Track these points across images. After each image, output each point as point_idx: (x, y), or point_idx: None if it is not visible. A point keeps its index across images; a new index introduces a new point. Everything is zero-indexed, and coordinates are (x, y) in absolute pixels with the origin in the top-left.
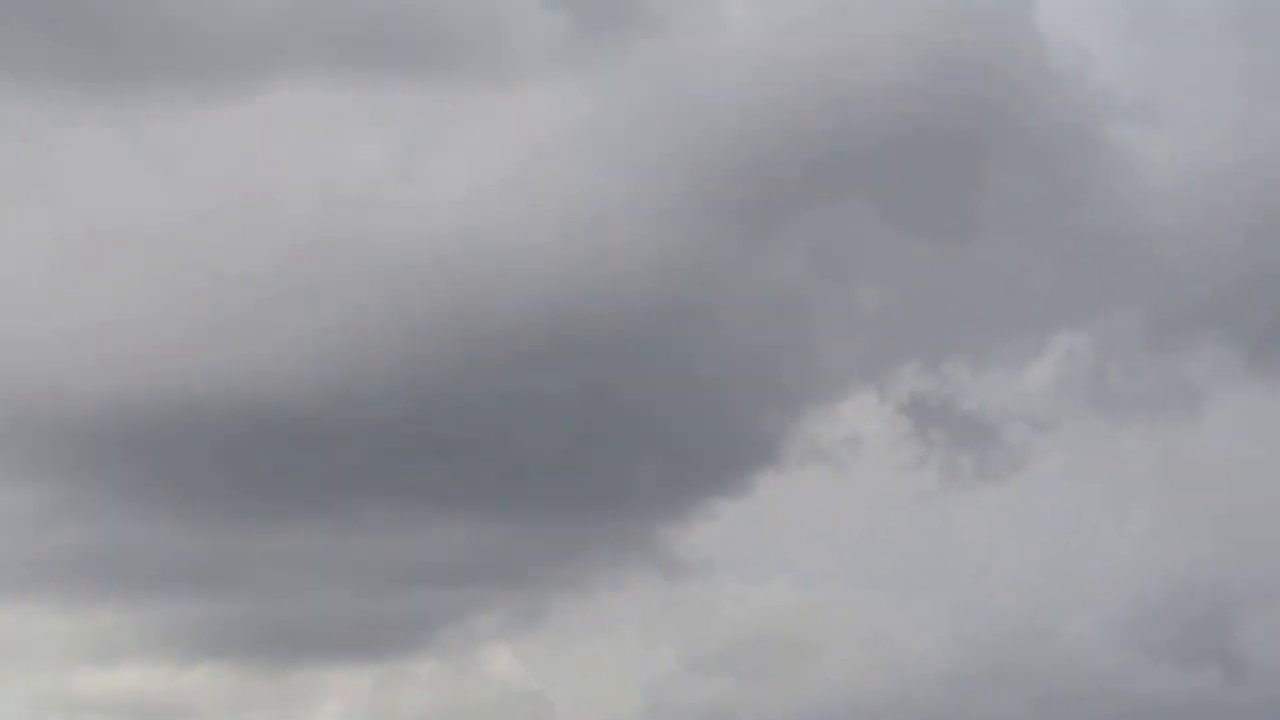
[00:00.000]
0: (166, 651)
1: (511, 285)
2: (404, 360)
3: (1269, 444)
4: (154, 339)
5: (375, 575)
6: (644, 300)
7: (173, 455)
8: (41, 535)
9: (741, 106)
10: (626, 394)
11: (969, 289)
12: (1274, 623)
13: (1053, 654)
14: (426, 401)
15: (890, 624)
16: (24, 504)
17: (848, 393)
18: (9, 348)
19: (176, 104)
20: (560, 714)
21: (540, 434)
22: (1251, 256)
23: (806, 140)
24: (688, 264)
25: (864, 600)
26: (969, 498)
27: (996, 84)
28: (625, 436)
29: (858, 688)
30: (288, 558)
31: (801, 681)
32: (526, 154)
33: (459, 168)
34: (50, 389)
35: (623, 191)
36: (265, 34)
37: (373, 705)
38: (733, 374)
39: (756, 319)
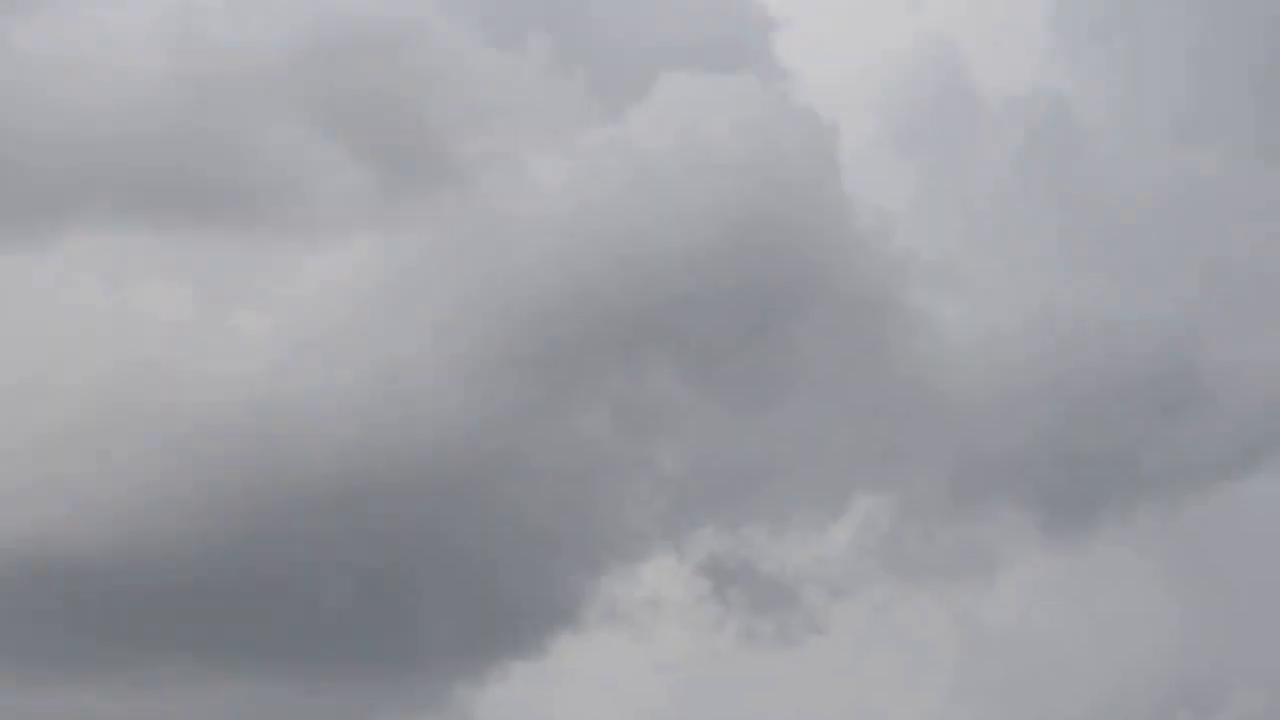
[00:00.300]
0: None
1: (309, 440)
2: (198, 516)
3: (1062, 611)
4: None
5: None
6: (443, 457)
7: None
8: None
9: (546, 262)
10: (424, 551)
11: (770, 450)
12: None
13: None
14: (221, 558)
15: None
16: None
17: (648, 553)
18: None
19: None
20: None
21: (336, 591)
22: (1049, 421)
23: (610, 297)
24: (488, 420)
25: None
26: (767, 660)
27: (800, 245)
28: (422, 594)
29: None
30: (78, 715)
31: None
32: (330, 308)
33: (260, 321)
34: None
35: (424, 346)
36: (59, 183)
37: None
38: (532, 532)
39: (557, 477)
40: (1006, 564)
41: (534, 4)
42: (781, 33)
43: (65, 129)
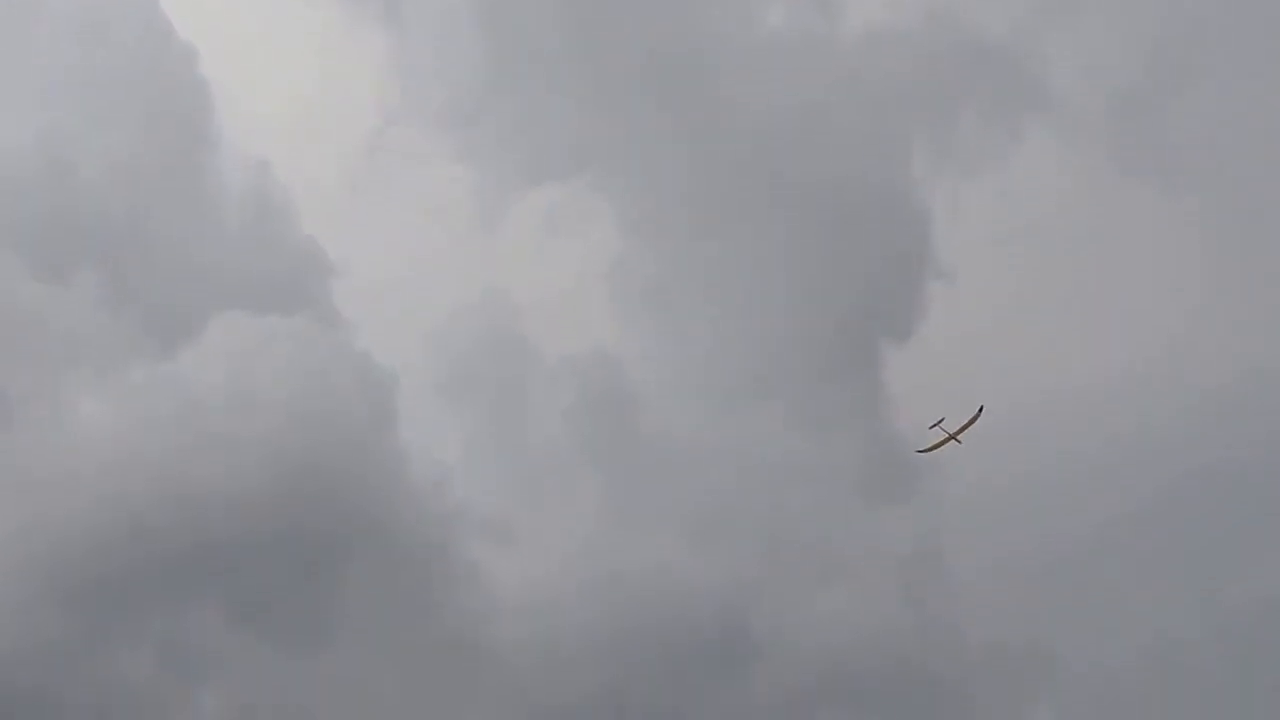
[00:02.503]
0: None
1: None
2: None
3: None
4: None
5: None
6: None
7: None
8: None
9: (89, 496)
10: None
11: (318, 695)
12: None
13: None
14: None
15: None
16: None
17: None
18: None
19: None
20: None
21: None
22: (599, 676)
23: (157, 536)
24: (27, 656)
25: None
26: None
27: (355, 492)
28: None
29: None
30: None
31: None
32: None
33: None
34: None
35: None
36: None
37: None
38: None
39: (95, 716)
40: None
41: (86, 238)
42: (340, 279)
43: None
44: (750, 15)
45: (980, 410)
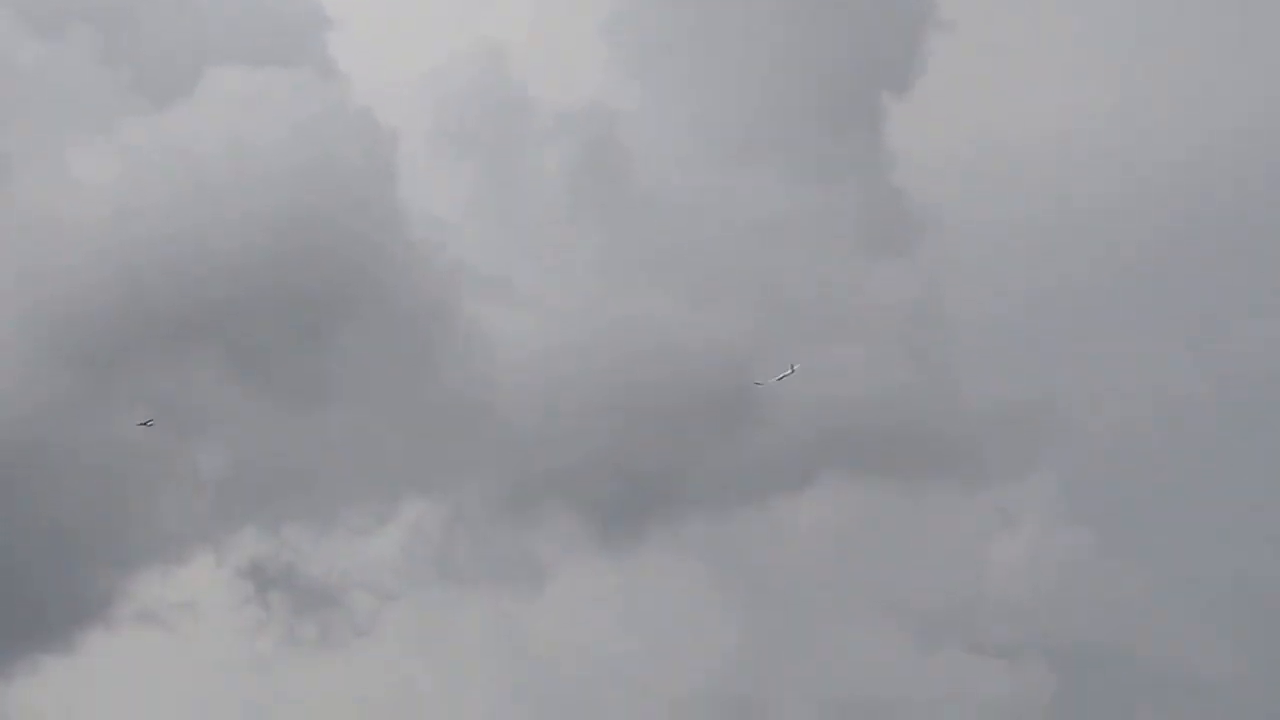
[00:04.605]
0: None
1: None
2: None
3: (610, 621)
4: None
5: None
6: None
7: None
8: None
9: (88, 259)
10: None
11: (317, 454)
12: None
13: None
14: None
15: None
16: None
17: (185, 555)
18: None
19: None
20: None
21: None
22: (604, 435)
23: (155, 296)
24: (24, 416)
25: None
26: (309, 663)
27: (353, 249)
28: None
29: None
30: None
31: None
32: None
33: None
34: None
35: None
36: None
37: None
38: (64, 527)
39: (93, 475)
40: (556, 574)
41: None
42: (336, 32)
43: None
44: None
45: (792, 368)
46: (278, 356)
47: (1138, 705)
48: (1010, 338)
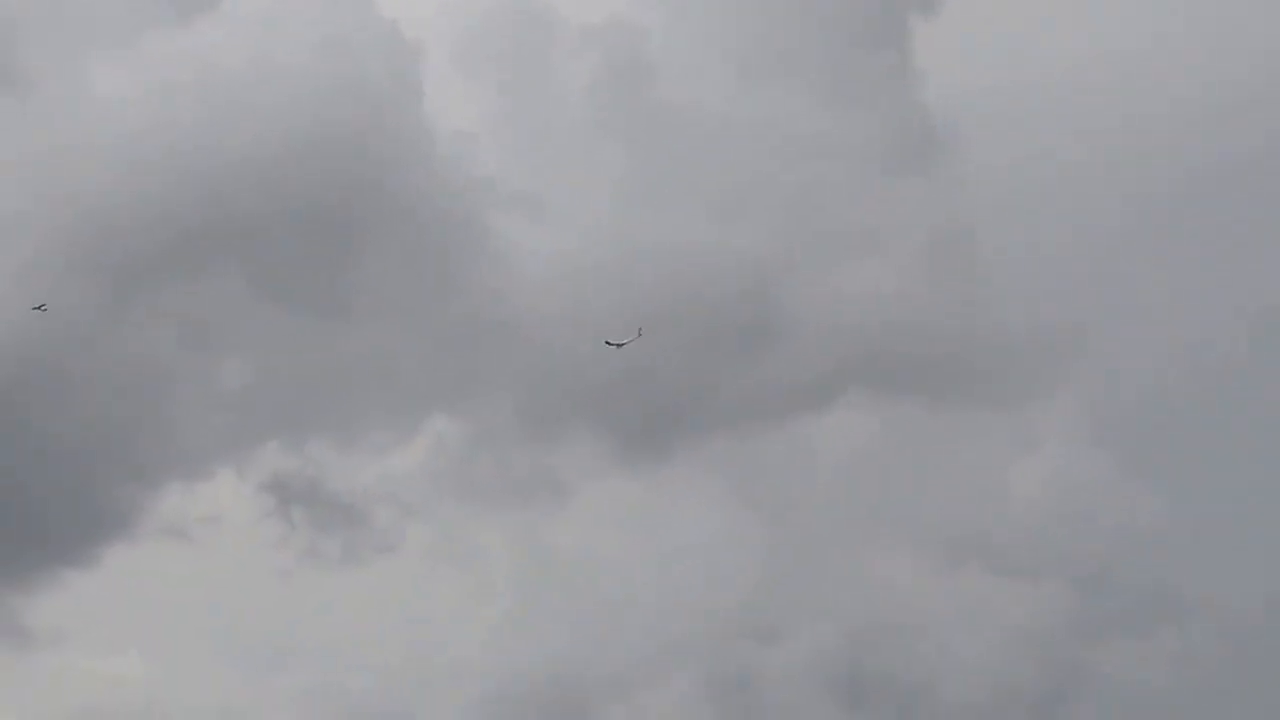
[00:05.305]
0: None
1: None
2: None
3: (632, 538)
4: None
5: None
6: None
7: None
8: None
9: (108, 169)
10: None
11: (340, 369)
12: (631, 714)
13: None
14: None
15: (241, 701)
16: None
17: (208, 470)
18: None
19: None
20: None
21: None
22: (622, 350)
23: (175, 208)
24: (47, 331)
25: (216, 676)
26: (331, 578)
27: (376, 164)
28: None
29: None
30: None
31: None
32: None
33: None
34: None
35: None
36: None
37: None
38: (87, 443)
39: (116, 388)
40: (578, 490)
41: None
42: None
43: None
44: None
45: (639, 332)
46: (301, 272)
47: (1159, 628)
48: (1036, 260)
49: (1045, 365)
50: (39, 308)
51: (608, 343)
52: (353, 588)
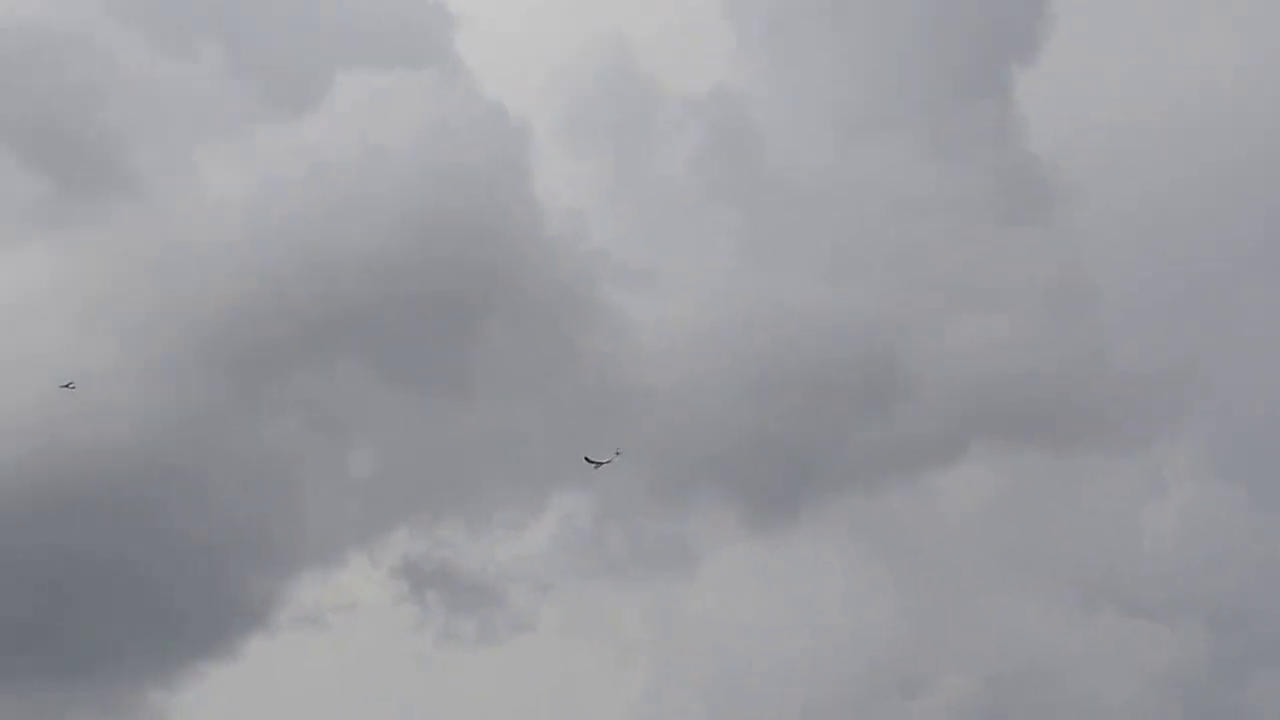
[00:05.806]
0: None
1: None
2: None
3: (765, 601)
4: None
5: None
6: (131, 461)
7: None
8: None
9: (227, 267)
10: (111, 556)
11: (465, 449)
12: None
13: None
14: None
15: None
16: None
17: (341, 557)
18: None
19: None
20: None
21: (23, 598)
22: (750, 415)
23: (298, 301)
24: (176, 424)
25: None
26: (469, 660)
27: (491, 246)
28: (111, 599)
29: None
30: None
31: None
32: (11, 322)
33: None
34: None
35: (107, 351)
36: None
37: None
38: (222, 536)
39: (247, 480)
40: (708, 557)
41: (203, 10)
42: (462, 30)
43: None
44: None
45: (617, 452)
46: (422, 356)
47: None
48: (1149, 301)
49: (1167, 405)
50: (67, 385)
51: (586, 459)
52: (491, 668)
